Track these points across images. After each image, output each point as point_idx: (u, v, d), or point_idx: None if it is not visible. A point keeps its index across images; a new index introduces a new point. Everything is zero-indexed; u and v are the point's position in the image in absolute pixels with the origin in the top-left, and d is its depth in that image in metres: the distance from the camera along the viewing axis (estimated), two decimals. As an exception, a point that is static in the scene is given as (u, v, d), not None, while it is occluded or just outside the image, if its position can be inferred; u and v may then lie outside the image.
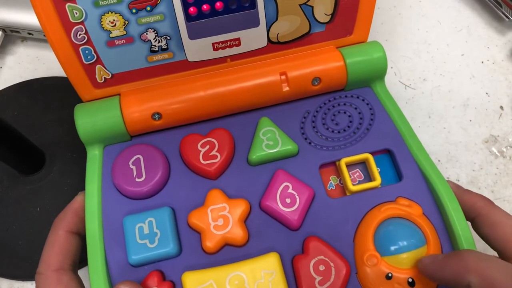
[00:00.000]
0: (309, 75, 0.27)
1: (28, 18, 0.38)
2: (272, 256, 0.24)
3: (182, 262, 0.24)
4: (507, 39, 0.43)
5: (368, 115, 0.28)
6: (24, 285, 0.33)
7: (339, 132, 0.27)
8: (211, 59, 0.27)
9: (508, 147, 0.36)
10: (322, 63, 0.27)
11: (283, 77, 0.27)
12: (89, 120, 0.26)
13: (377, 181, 0.26)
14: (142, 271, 0.24)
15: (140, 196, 0.25)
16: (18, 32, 0.40)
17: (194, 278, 0.23)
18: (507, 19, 0.42)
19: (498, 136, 0.37)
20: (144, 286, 0.23)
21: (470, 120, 0.25)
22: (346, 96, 0.28)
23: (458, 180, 0.35)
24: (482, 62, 0.41)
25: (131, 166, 0.25)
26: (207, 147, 0.26)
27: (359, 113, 0.28)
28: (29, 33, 0.40)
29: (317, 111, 0.28)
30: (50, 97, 0.38)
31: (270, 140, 0.26)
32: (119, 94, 0.26)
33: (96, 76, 0.26)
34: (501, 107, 0.38)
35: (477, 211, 0.24)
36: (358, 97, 0.28)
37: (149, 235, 0.24)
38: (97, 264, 0.24)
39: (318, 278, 0.23)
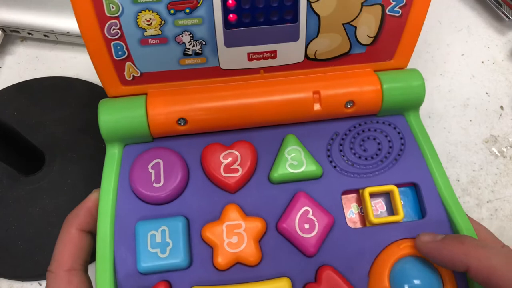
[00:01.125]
0: (343, 96, 0.26)
1: (28, 18, 0.38)
2: (284, 282, 0.23)
3: (190, 275, 0.23)
4: (507, 39, 0.42)
5: (398, 145, 0.27)
6: (24, 285, 0.32)
7: (366, 159, 0.26)
8: (244, 68, 0.26)
9: (508, 147, 0.36)
10: (358, 85, 0.26)
11: (316, 95, 0.26)
12: (113, 117, 0.25)
13: (400, 216, 0.25)
14: (150, 280, 0.23)
15: (155, 201, 0.24)
16: (18, 32, 0.39)
17: (202, 294, 0.23)
18: (507, 19, 0.41)
19: (498, 136, 0.37)
20: None
21: (470, 120, 0.25)
22: (377, 122, 0.27)
23: (458, 180, 0.35)
24: (482, 62, 0.41)
25: (150, 170, 0.25)
26: (230, 159, 0.25)
27: (389, 141, 0.27)
28: (29, 33, 0.39)
29: (346, 134, 0.27)
30: (50, 97, 0.38)
31: (295, 160, 0.25)
32: (146, 94, 0.26)
33: (125, 73, 0.25)
34: (501, 107, 0.38)
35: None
36: (389, 125, 0.27)
37: (161, 244, 0.23)
38: (105, 267, 0.23)
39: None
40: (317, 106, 0.26)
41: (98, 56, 0.24)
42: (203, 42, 0.24)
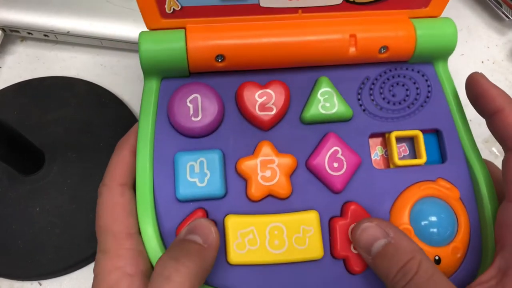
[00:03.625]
0: (378, 41, 0.26)
1: (28, 17, 0.38)
2: (313, 214, 0.25)
3: (225, 205, 0.25)
4: (507, 39, 0.43)
5: (425, 92, 0.28)
6: (24, 285, 0.33)
7: (394, 104, 0.27)
8: (283, 7, 0.26)
9: (508, 147, 0.37)
10: (393, 31, 0.26)
11: (352, 38, 0.26)
12: (153, 48, 0.25)
13: (423, 159, 0.26)
14: (187, 207, 0.25)
15: (193, 134, 0.25)
16: (17, 31, 0.39)
17: (236, 222, 0.24)
18: (507, 19, 0.42)
19: (498, 136, 0.37)
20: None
21: (470, 120, 0.26)
22: (407, 69, 0.28)
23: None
24: (482, 62, 0.42)
25: (189, 105, 0.25)
26: (264, 98, 0.26)
27: (417, 88, 0.28)
28: (29, 33, 0.39)
29: (376, 79, 0.27)
30: (50, 97, 0.38)
31: (327, 102, 0.26)
32: (184, 28, 0.26)
33: (165, 6, 0.25)
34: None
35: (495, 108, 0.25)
36: (418, 72, 0.28)
37: (199, 174, 0.25)
38: (145, 194, 0.24)
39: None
40: (352, 49, 0.26)
41: (140, -13, 0.24)
42: (246, -21, 0.24)
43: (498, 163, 0.38)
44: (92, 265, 0.34)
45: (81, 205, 0.34)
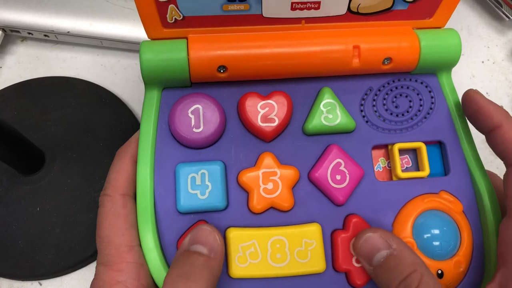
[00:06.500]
0: (382, 52, 0.26)
1: (28, 18, 0.38)
2: (315, 227, 0.25)
3: (226, 217, 0.25)
4: (507, 39, 0.43)
5: (428, 103, 0.27)
6: (24, 285, 0.33)
7: (397, 115, 0.27)
8: (286, 18, 0.25)
9: (508, 147, 0.37)
10: (397, 42, 0.26)
11: (355, 50, 0.26)
12: (155, 58, 0.25)
13: (426, 172, 0.26)
14: (188, 219, 0.25)
15: (195, 145, 0.25)
16: (18, 31, 0.39)
17: (238, 235, 0.24)
18: (507, 19, 0.42)
19: (498, 135, 0.37)
20: None
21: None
22: (410, 80, 0.28)
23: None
24: (482, 62, 0.42)
25: (190, 115, 0.25)
26: (267, 109, 0.26)
27: (420, 99, 0.27)
28: (29, 33, 0.39)
29: (379, 90, 0.27)
30: (50, 97, 0.37)
31: (330, 113, 0.26)
32: (186, 38, 0.25)
33: (167, 16, 0.25)
34: (501, 107, 0.39)
35: (494, 125, 0.25)
36: (422, 83, 0.28)
37: (200, 186, 0.24)
38: (145, 206, 0.24)
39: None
40: (355, 61, 0.26)
41: (142, -4, 0.24)
42: (249, -11, 0.24)
43: (499, 163, 0.38)
44: (92, 265, 0.34)
45: (81, 205, 0.34)
